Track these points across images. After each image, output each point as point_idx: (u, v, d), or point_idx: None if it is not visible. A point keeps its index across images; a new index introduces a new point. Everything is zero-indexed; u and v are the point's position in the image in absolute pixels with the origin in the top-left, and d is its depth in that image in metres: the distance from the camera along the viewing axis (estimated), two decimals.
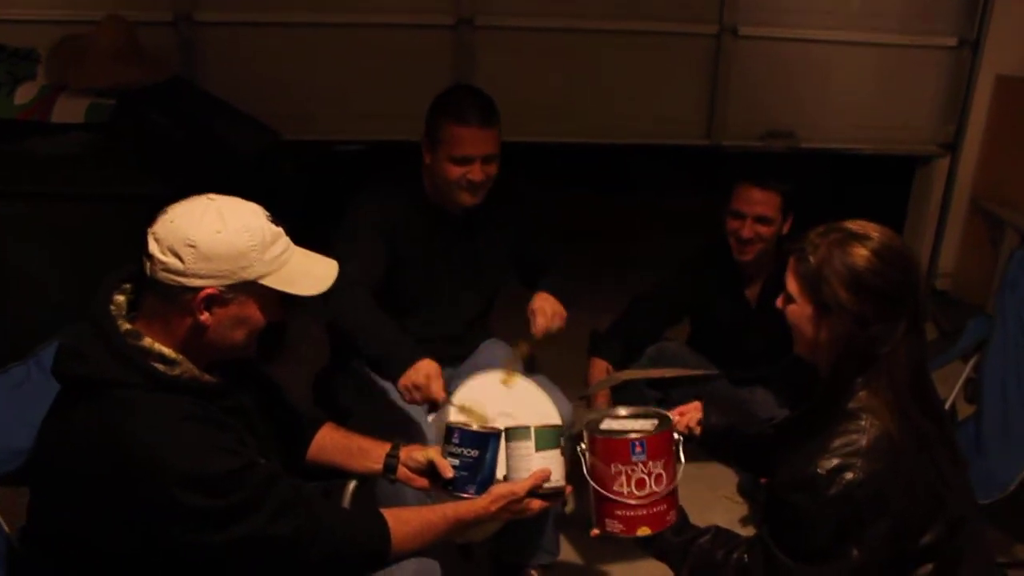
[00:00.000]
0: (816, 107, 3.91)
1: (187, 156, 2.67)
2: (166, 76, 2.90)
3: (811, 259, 1.47)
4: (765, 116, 3.87)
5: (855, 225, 1.47)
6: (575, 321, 2.26)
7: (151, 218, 1.39)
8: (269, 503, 1.34)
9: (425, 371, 1.89)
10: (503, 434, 1.62)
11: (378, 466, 1.69)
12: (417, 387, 1.89)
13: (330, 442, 1.72)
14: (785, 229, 2.45)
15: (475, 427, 1.63)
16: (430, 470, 1.65)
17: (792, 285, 1.51)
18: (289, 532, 1.36)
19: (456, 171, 2.10)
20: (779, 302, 1.55)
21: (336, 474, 1.72)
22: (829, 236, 1.47)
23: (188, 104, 2.94)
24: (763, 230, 2.40)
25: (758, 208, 2.40)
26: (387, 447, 1.71)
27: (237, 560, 1.33)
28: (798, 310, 1.51)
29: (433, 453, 1.65)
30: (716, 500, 2.59)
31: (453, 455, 1.60)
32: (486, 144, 2.10)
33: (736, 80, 3.79)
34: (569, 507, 2.53)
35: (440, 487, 1.63)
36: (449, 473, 1.60)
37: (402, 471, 1.69)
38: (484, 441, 1.60)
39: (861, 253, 1.43)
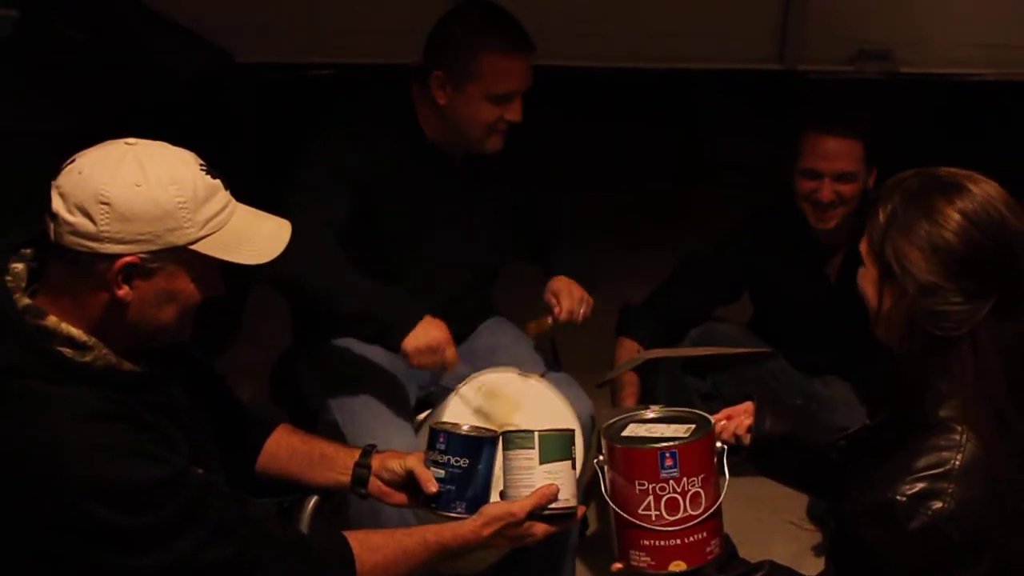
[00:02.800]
0: (921, 20, 3.85)
1: (109, 81, 2.68)
2: None
3: (880, 211, 1.46)
4: (854, 32, 3.81)
5: (948, 174, 1.46)
6: (601, 295, 2.27)
7: (56, 166, 1.39)
8: (203, 523, 1.36)
9: (437, 328, 1.93)
10: (500, 440, 1.62)
11: (345, 478, 1.70)
12: (432, 348, 1.93)
13: (286, 448, 1.73)
14: (871, 182, 2.43)
15: (465, 429, 1.63)
16: (410, 483, 1.66)
17: (863, 242, 1.51)
18: (227, 559, 1.38)
19: (493, 112, 2.10)
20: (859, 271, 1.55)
21: (293, 488, 1.74)
22: (907, 184, 1.46)
23: (111, 15, 2.93)
24: (846, 189, 2.38)
25: (837, 163, 2.37)
26: (356, 454, 1.71)
27: None
28: (865, 273, 1.51)
29: (413, 462, 1.65)
30: (779, 526, 2.62)
31: (438, 464, 1.60)
32: (528, 74, 2.13)
33: None
34: (591, 530, 2.56)
35: (422, 503, 1.64)
36: (433, 487, 1.60)
37: (375, 484, 1.69)
38: (476, 447, 1.60)
39: (944, 210, 1.42)
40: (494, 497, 1.64)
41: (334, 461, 1.71)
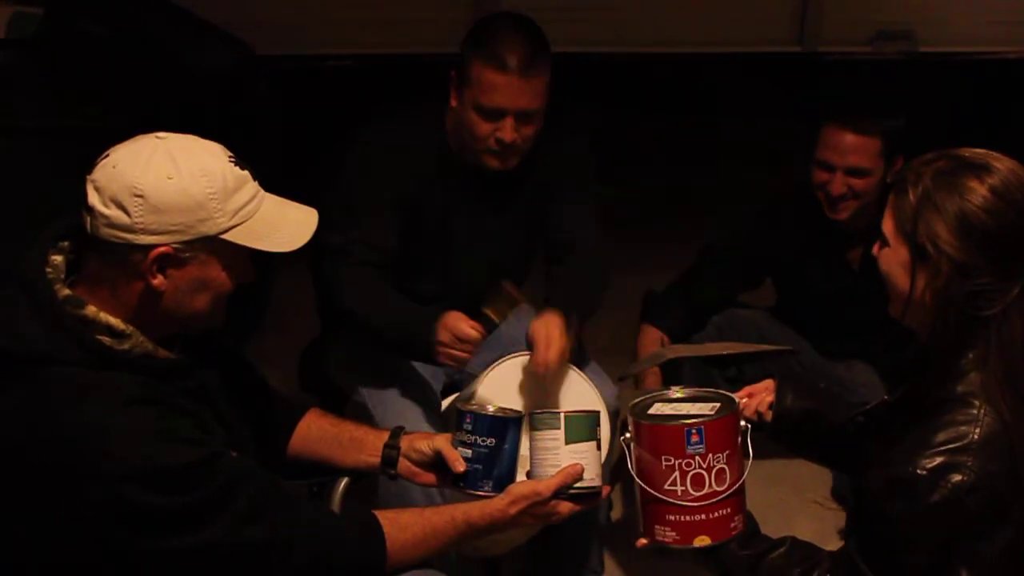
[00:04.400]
0: None
1: (134, 78, 2.71)
2: None
3: (910, 192, 1.48)
4: (873, 13, 3.80)
5: (973, 153, 1.48)
6: (624, 283, 2.28)
7: (90, 161, 1.43)
8: (238, 503, 1.40)
9: (455, 318, 2.02)
10: (525, 420, 1.67)
11: (375, 459, 1.75)
12: (460, 339, 2.02)
13: (316, 431, 1.78)
14: (891, 176, 2.44)
15: (491, 410, 1.67)
16: (438, 463, 1.70)
17: (887, 223, 1.53)
18: (262, 538, 1.42)
19: (483, 127, 2.07)
20: (875, 248, 1.57)
21: (324, 471, 1.78)
22: (935, 165, 1.48)
23: (134, 11, 2.95)
24: (857, 184, 2.40)
25: (850, 158, 2.39)
26: (385, 436, 1.76)
27: (200, 570, 1.40)
28: (891, 255, 1.52)
29: (441, 442, 1.70)
30: (804, 505, 2.65)
31: (465, 444, 1.65)
32: (524, 96, 2.05)
33: None
34: (616, 513, 2.59)
35: (450, 483, 1.69)
36: (460, 466, 1.65)
37: (404, 465, 1.74)
38: (502, 427, 1.65)
39: (974, 188, 1.44)
40: (520, 476, 1.68)
41: (364, 443, 1.76)
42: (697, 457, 1.55)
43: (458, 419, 1.68)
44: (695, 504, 1.56)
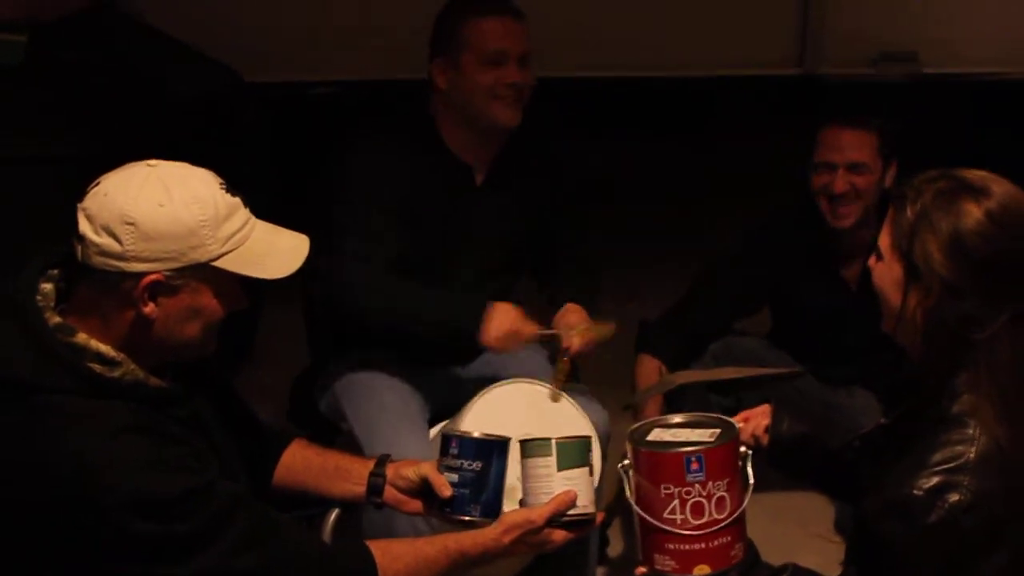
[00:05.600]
0: (944, 20, 3.89)
1: (119, 106, 2.77)
2: (90, 2, 3.01)
3: (908, 209, 1.53)
4: (875, 34, 3.87)
5: (973, 176, 1.54)
6: (623, 311, 2.35)
7: (75, 189, 1.48)
8: (232, 532, 1.45)
9: (505, 313, 2.15)
10: (510, 444, 1.71)
11: (360, 488, 1.79)
12: (514, 333, 2.13)
13: (301, 461, 1.82)
14: (888, 181, 2.52)
15: (477, 434, 1.72)
16: (424, 490, 1.75)
17: (884, 237, 1.58)
18: (255, 567, 1.46)
19: (489, 76, 2.23)
20: (870, 261, 1.62)
21: (310, 502, 1.83)
22: (937, 184, 1.53)
23: (120, 39, 3.02)
24: (859, 181, 2.48)
25: (850, 154, 2.48)
26: (371, 464, 1.81)
27: None
28: (885, 270, 1.58)
29: (427, 468, 1.75)
30: (807, 539, 2.68)
31: (451, 469, 1.70)
32: (520, 38, 2.26)
33: None
34: (615, 549, 2.63)
35: (436, 509, 1.73)
36: (447, 491, 1.69)
37: (390, 493, 1.79)
38: (488, 451, 1.70)
39: (971, 211, 1.50)
40: (512, 504, 1.73)
41: (349, 472, 1.81)
42: (697, 485, 1.59)
43: (444, 444, 1.73)
44: (695, 533, 1.59)
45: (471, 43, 2.23)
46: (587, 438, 1.73)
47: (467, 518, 1.69)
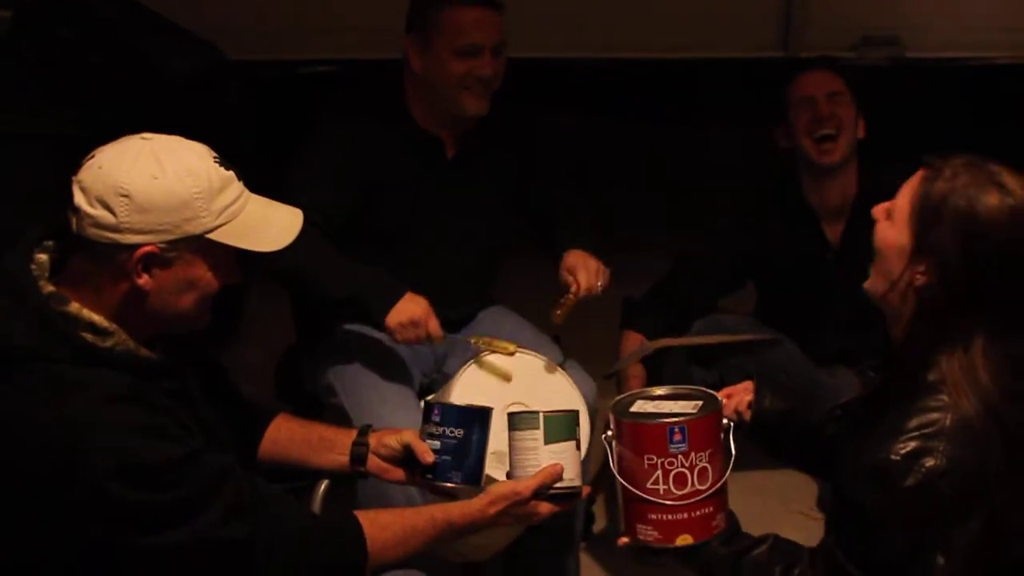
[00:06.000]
0: (928, 4, 3.93)
1: (105, 82, 2.79)
2: None
3: (941, 182, 1.56)
4: (859, 17, 3.89)
5: (1007, 173, 1.57)
6: (607, 292, 2.38)
7: (65, 163, 1.50)
8: (220, 501, 1.47)
9: (416, 303, 2.10)
10: (492, 413, 1.75)
11: (344, 458, 1.83)
12: (414, 322, 2.09)
13: (286, 434, 1.85)
14: (860, 131, 2.62)
15: (459, 402, 1.76)
16: (407, 457, 1.79)
17: (904, 199, 1.60)
18: (244, 536, 1.49)
19: (461, 66, 2.24)
20: (878, 210, 1.64)
21: (297, 475, 1.86)
22: (973, 171, 1.56)
23: (105, 15, 3.03)
24: (841, 110, 2.58)
25: (827, 85, 2.60)
26: (354, 434, 1.84)
27: (180, 567, 1.47)
28: (893, 232, 1.60)
29: (410, 436, 1.78)
30: (788, 516, 2.74)
31: (433, 436, 1.74)
32: (495, 30, 2.27)
33: None
34: (600, 526, 2.67)
35: (419, 476, 1.77)
36: (429, 457, 1.73)
37: (373, 461, 1.82)
38: (470, 418, 1.74)
39: (993, 203, 1.53)
40: (500, 475, 1.76)
41: (333, 443, 1.84)
42: (680, 456, 1.62)
43: (426, 411, 1.77)
44: (677, 503, 1.63)
45: (446, 31, 2.25)
46: (575, 412, 1.76)
47: (449, 484, 1.73)
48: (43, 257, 1.51)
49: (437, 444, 1.74)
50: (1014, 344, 1.55)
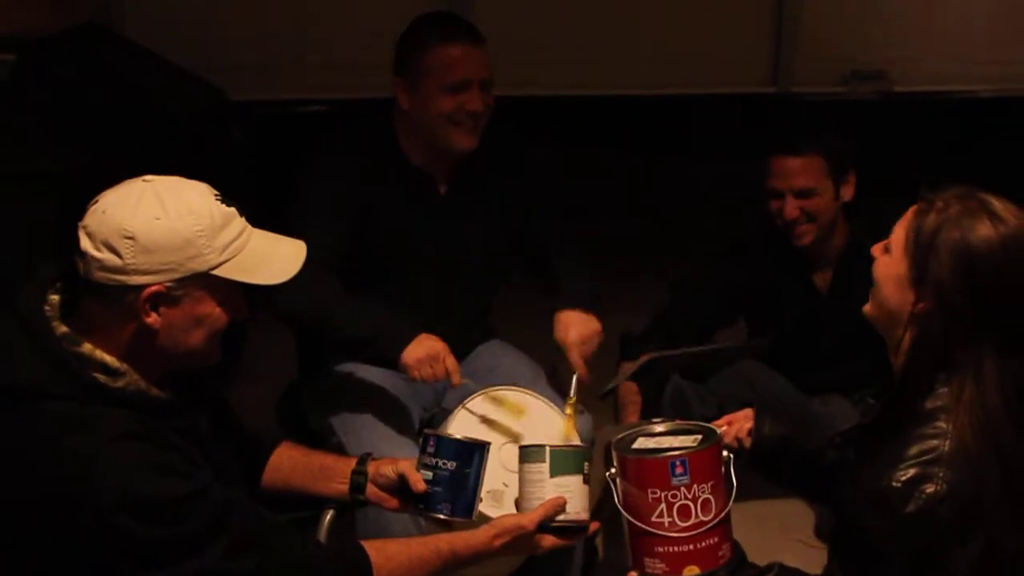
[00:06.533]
0: (914, 39, 3.99)
1: (108, 123, 2.81)
2: (78, 21, 3.04)
3: (933, 215, 1.58)
4: (847, 52, 3.95)
5: (997, 202, 1.59)
6: (604, 324, 2.39)
7: (68, 202, 1.53)
8: (227, 534, 1.48)
9: (434, 340, 2.11)
10: (488, 448, 1.75)
11: (344, 486, 1.83)
12: (432, 358, 2.09)
13: (288, 462, 1.86)
14: (846, 194, 2.60)
15: (456, 435, 1.77)
16: (402, 487, 1.79)
17: (899, 233, 1.63)
18: (251, 569, 1.50)
19: (450, 103, 2.26)
20: (876, 249, 1.67)
21: (300, 504, 1.86)
22: (965, 201, 1.59)
23: (108, 57, 3.07)
24: (809, 205, 2.55)
25: (795, 180, 2.54)
26: (353, 462, 1.85)
27: None
28: (891, 264, 1.63)
29: (405, 466, 1.79)
30: (788, 544, 2.72)
31: (427, 467, 1.75)
32: (482, 65, 2.30)
33: (809, 7, 3.88)
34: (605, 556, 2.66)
35: (412, 505, 1.77)
36: (421, 487, 1.74)
37: (371, 490, 1.83)
38: (464, 451, 1.74)
39: (985, 232, 1.55)
40: (494, 513, 1.77)
41: (334, 471, 1.85)
42: (683, 488, 1.63)
43: (423, 443, 1.78)
44: (682, 535, 1.64)
45: (432, 70, 2.26)
46: (584, 449, 1.77)
47: (439, 516, 1.73)
48: (55, 298, 1.53)
49: (430, 475, 1.74)
50: (1018, 364, 1.57)
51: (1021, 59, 4.00)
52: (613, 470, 1.70)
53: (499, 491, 1.91)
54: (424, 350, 2.12)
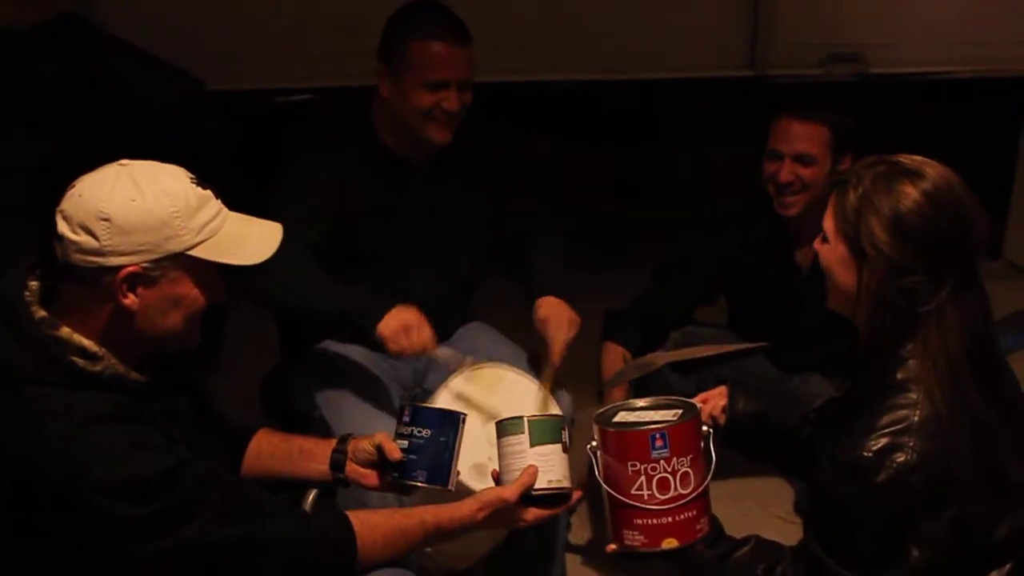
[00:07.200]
0: (891, 20, 3.99)
1: (85, 114, 2.80)
2: (52, 13, 3.02)
3: (851, 192, 1.62)
4: (823, 35, 3.96)
5: (909, 160, 1.63)
6: (584, 305, 2.41)
7: (47, 193, 1.53)
8: (210, 504, 1.50)
9: (410, 314, 2.12)
10: (464, 417, 1.77)
11: (324, 466, 1.84)
12: (407, 328, 2.10)
13: (268, 448, 1.87)
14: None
15: (429, 404, 1.79)
16: (381, 460, 1.81)
17: (828, 221, 1.67)
18: (235, 538, 1.51)
19: (428, 99, 2.27)
20: (816, 243, 1.70)
21: (280, 488, 1.86)
22: (876, 168, 1.63)
23: (83, 48, 3.05)
24: (805, 172, 2.56)
25: (798, 145, 2.55)
26: (333, 443, 1.86)
27: (177, 571, 1.49)
28: (831, 251, 1.66)
29: (381, 437, 1.81)
30: (767, 520, 2.75)
31: (402, 436, 1.78)
32: (463, 66, 2.29)
33: None
34: (580, 526, 2.68)
35: (388, 476, 1.79)
36: (396, 455, 1.76)
37: (351, 467, 1.84)
38: (438, 420, 1.77)
39: (908, 192, 1.59)
40: (479, 486, 1.79)
41: (313, 453, 1.86)
42: (662, 461, 1.65)
43: (399, 414, 1.81)
44: (661, 507, 1.66)
45: (414, 65, 2.26)
46: (560, 417, 1.79)
47: (413, 483, 1.76)
48: (34, 284, 1.53)
49: (405, 444, 1.77)
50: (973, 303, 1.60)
51: (998, 39, 4.01)
52: (594, 443, 1.72)
53: (483, 464, 1.92)
54: (399, 321, 2.13)
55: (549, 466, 1.71)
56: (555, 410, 2.13)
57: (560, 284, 2.39)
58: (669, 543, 1.68)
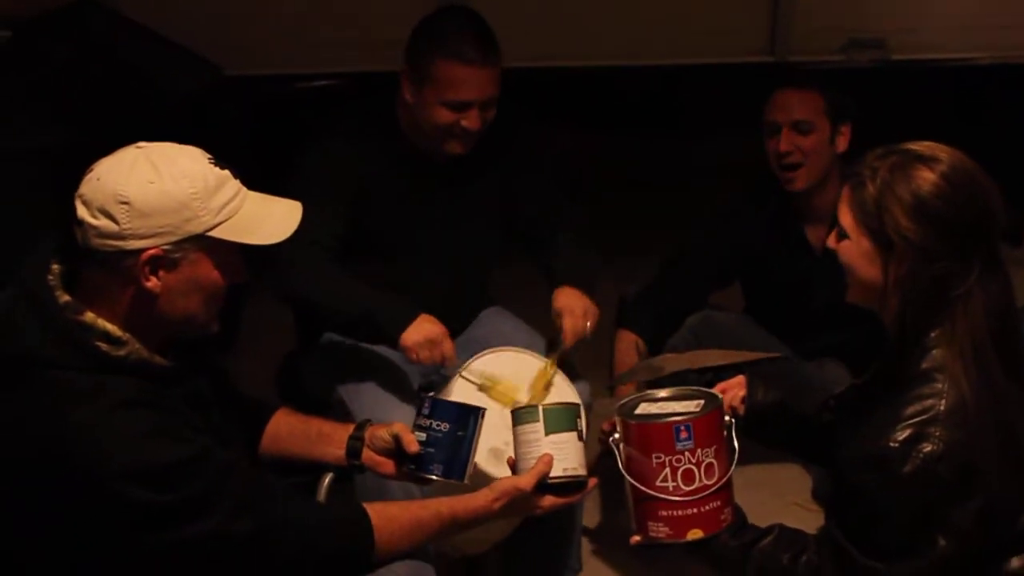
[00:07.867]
0: (914, 5, 3.95)
1: (103, 100, 2.79)
2: None
3: (869, 185, 1.61)
4: (844, 20, 3.92)
5: (920, 146, 1.63)
6: (599, 292, 2.39)
7: (64, 179, 1.53)
8: (229, 496, 1.49)
9: (433, 323, 2.11)
10: (483, 413, 1.77)
11: (341, 451, 1.84)
12: (430, 341, 2.09)
13: (285, 428, 1.87)
14: (841, 146, 2.59)
15: (451, 398, 1.79)
16: (398, 449, 1.80)
17: (846, 217, 1.65)
18: (253, 529, 1.51)
19: (448, 116, 2.23)
20: (830, 240, 1.70)
21: (297, 469, 1.87)
22: (889, 159, 1.62)
23: (101, 33, 3.04)
24: (803, 141, 2.55)
25: (794, 112, 2.56)
26: (351, 428, 1.86)
27: (193, 562, 1.49)
28: (852, 247, 1.65)
29: (399, 427, 1.81)
30: (786, 508, 2.75)
31: (421, 428, 1.77)
32: (487, 86, 2.23)
33: None
34: (595, 512, 2.66)
35: (406, 466, 1.79)
36: (414, 447, 1.76)
37: (367, 454, 1.84)
38: (457, 413, 1.76)
39: (927, 176, 1.58)
40: (498, 472, 1.79)
41: (331, 437, 1.86)
42: (687, 452, 1.65)
43: (419, 406, 1.81)
44: (687, 499, 1.66)
45: (438, 82, 2.21)
46: (575, 404, 1.78)
47: (431, 476, 1.76)
48: (57, 268, 1.53)
49: (423, 436, 1.77)
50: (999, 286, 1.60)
51: (1020, 24, 3.97)
52: (617, 435, 1.71)
53: (499, 449, 1.92)
54: (423, 333, 2.13)
55: (564, 454, 1.71)
56: (563, 391, 2.12)
57: (579, 274, 2.37)
58: (694, 534, 1.67)
